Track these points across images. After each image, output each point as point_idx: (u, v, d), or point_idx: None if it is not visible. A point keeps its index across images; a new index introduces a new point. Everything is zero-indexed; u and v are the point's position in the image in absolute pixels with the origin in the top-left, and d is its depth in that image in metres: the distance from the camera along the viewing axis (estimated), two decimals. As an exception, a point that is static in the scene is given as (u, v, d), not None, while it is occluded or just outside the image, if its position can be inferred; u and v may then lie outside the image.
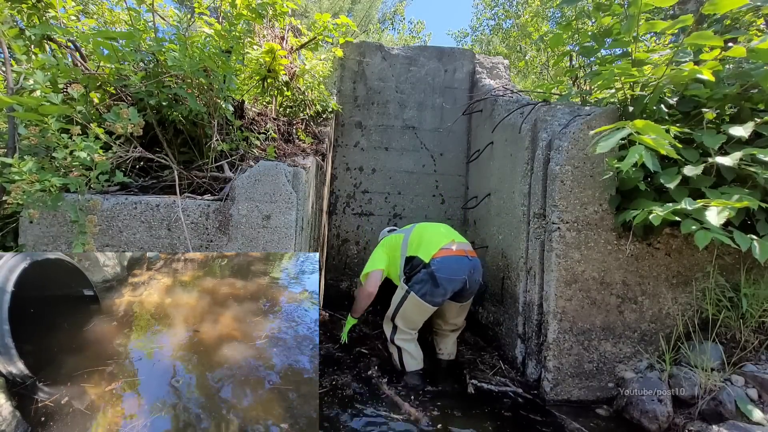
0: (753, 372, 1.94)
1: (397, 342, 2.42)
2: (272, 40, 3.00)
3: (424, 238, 2.44)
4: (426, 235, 2.46)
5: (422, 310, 2.34)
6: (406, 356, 2.42)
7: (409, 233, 2.53)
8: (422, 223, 2.62)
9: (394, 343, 2.43)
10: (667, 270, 2.18)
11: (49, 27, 2.17)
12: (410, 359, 2.41)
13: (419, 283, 2.30)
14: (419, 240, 2.44)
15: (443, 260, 2.30)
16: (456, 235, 2.50)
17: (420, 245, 2.41)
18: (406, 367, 2.41)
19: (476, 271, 2.40)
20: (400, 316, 2.40)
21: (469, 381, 2.39)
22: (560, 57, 3.21)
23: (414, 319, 2.40)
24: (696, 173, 1.80)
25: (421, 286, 2.29)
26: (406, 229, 2.59)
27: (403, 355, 2.42)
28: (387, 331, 2.48)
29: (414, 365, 2.41)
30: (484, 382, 2.41)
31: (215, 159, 2.27)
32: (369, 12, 12.34)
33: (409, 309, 2.36)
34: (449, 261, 2.30)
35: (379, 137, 3.91)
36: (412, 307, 2.34)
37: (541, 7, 7.82)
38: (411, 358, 2.42)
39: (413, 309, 2.35)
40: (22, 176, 1.66)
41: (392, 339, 2.44)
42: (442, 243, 2.37)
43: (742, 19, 2.61)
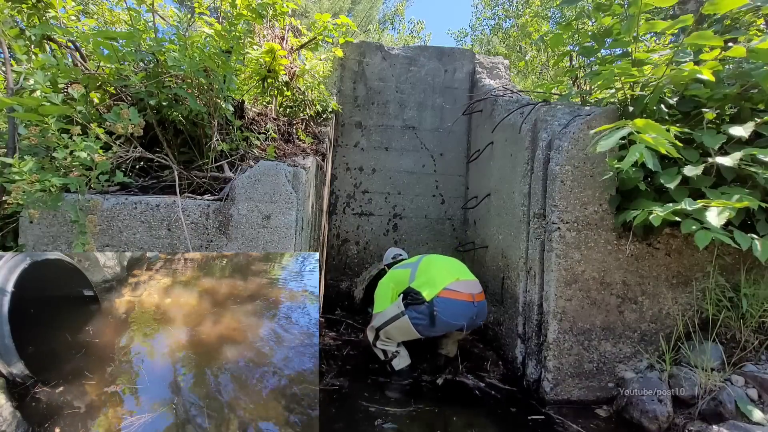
0: (753, 372, 1.94)
1: (380, 346, 2.42)
2: (272, 40, 3.00)
3: (430, 273, 2.36)
4: (433, 270, 2.38)
5: (410, 334, 2.30)
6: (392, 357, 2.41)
7: (415, 268, 2.45)
8: (430, 256, 2.55)
9: (377, 346, 2.43)
10: (667, 270, 2.18)
11: (49, 27, 2.17)
12: (397, 360, 2.40)
13: (418, 314, 2.23)
14: (425, 275, 2.36)
15: (447, 303, 2.21)
16: (461, 271, 2.42)
17: (425, 282, 2.31)
18: (394, 368, 2.40)
19: (479, 316, 2.34)
20: (386, 331, 2.37)
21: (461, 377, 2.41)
22: (560, 57, 3.21)
23: (398, 338, 2.39)
24: (696, 173, 1.80)
25: (419, 318, 2.22)
26: (413, 263, 2.52)
27: (389, 355, 2.41)
28: (370, 337, 2.47)
29: (401, 364, 2.40)
30: (483, 382, 2.42)
31: (215, 159, 2.27)
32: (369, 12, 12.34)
33: (397, 328, 2.32)
34: (453, 305, 2.22)
35: (379, 137, 3.91)
36: (402, 329, 2.30)
37: (541, 7, 7.82)
38: (398, 358, 2.40)
39: (401, 331, 2.32)
40: (22, 176, 1.66)
41: (374, 344, 2.44)
42: (447, 282, 2.27)
43: (742, 19, 2.61)
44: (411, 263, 2.54)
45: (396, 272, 2.55)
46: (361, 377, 2.42)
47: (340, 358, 2.67)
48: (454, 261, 2.54)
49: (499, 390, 2.34)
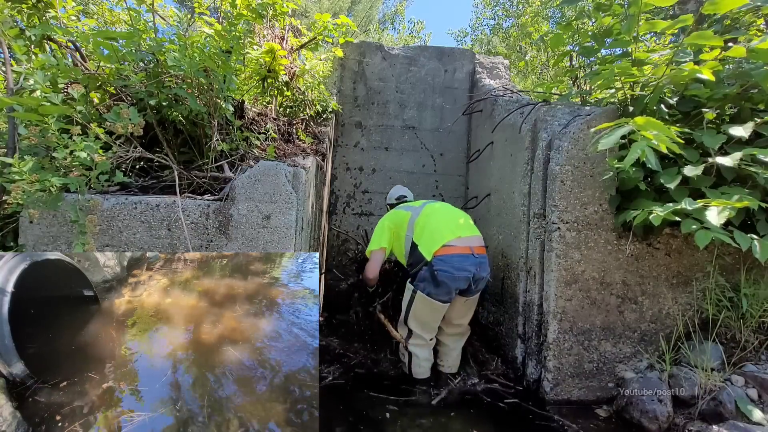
0: (753, 372, 1.94)
1: (411, 348, 2.37)
2: (272, 40, 2.99)
3: (428, 225, 2.31)
4: (432, 223, 2.32)
5: (433, 308, 2.25)
6: (415, 362, 2.37)
7: (417, 214, 2.40)
8: (431, 205, 2.47)
9: (407, 348, 2.38)
10: (667, 270, 2.17)
11: (49, 27, 2.17)
12: (418, 367, 2.38)
13: (423, 281, 2.22)
14: (424, 226, 2.32)
15: (445, 259, 2.18)
16: (462, 228, 2.33)
17: (423, 234, 2.29)
18: (414, 374, 2.39)
19: (482, 268, 2.26)
20: (412, 317, 2.32)
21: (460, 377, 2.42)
22: (560, 57, 3.21)
23: (427, 320, 2.31)
24: (696, 173, 1.80)
25: (425, 284, 2.21)
26: (415, 208, 2.46)
27: (413, 361, 2.37)
28: (402, 334, 2.41)
29: (421, 373, 2.38)
30: (483, 381, 2.42)
31: (215, 159, 2.27)
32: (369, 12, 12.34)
33: (419, 309, 2.28)
34: (451, 260, 2.18)
35: (379, 137, 3.91)
36: (422, 306, 2.26)
37: (542, 7, 7.81)
38: (419, 367, 2.38)
39: (423, 308, 2.27)
40: (22, 176, 1.66)
41: (406, 344, 2.38)
42: (446, 239, 2.23)
43: (742, 19, 2.61)
44: (413, 207, 2.49)
45: (397, 212, 2.52)
46: (361, 377, 2.42)
47: (340, 358, 2.67)
48: (457, 214, 2.45)
49: (499, 390, 2.34)
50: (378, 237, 2.47)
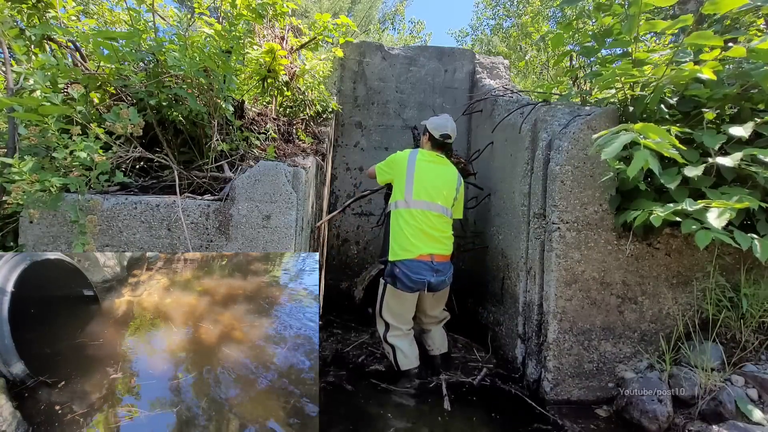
0: (753, 372, 1.94)
1: (390, 340, 2.45)
2: (272, 40, 3.00)
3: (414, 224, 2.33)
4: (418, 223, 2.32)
5: (402, 298, 2.39)
6: (400, 355, 2.43)
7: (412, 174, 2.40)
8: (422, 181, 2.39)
9: (387, 341, 2.46)
10: (667, 270, 2.17)
11: (49, 27, 2.17)
12: (403, 358, 2.43)
13: (389, 276, 2.39)
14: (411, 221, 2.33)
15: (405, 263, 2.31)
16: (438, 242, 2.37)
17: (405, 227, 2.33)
18: (400, 366, 2.42)
19: (443, 273, 2.38)
20: (386, 308, 2.45)
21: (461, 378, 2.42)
22: (560, 57, 3.21)
23: (399, 311, 2.44)
24: (696, 174, 1.80)
25: (391, 279, 2.37)
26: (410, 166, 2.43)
27: (397, 353, 2.43)
28: (380, 330, 2.51)
29: (407, 364, 2.42)
30: (483, 382, 2.42)
31: (215, 159, 2.27)
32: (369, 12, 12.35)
33: (390, 300, 2.42)
34: (411, 264, 2.31)
35: (379, 137, 3.90)
36: (391, 297, 2.41)
37: (542, 7, 7.81)
38: (404, 357, 2.43)
39: (393, 299, 2.41)
40: (22, 176, 1.66)
41: (385, 337, 2.47)
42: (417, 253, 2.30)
43: (742, 19, 2.61)
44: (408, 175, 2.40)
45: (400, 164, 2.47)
46: (362, 378, 2.43)
47: (340, 357, 2.67)
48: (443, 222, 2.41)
49: (499, 390, 2.34)
50: (384, 167, 2.58)
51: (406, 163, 2.45)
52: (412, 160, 2.45)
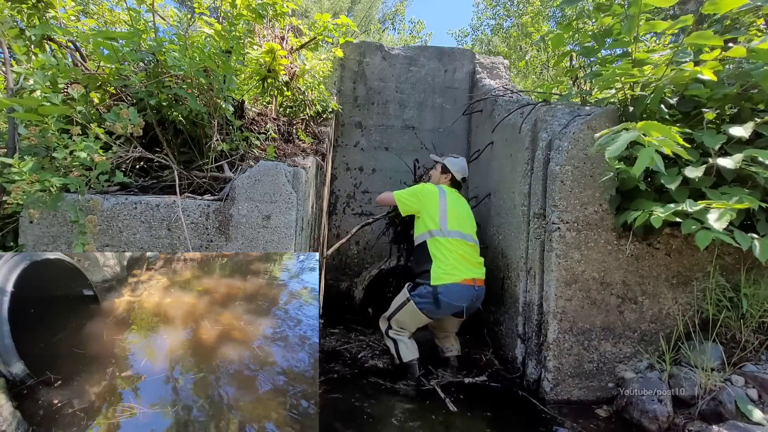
0: (753, 372, 1.94)
1: (392, 335, 2.51)
2: (272, 40, 3.00)
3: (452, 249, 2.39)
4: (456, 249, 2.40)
5: (418, 320, 2.46)
6: (402, 347, 2.47)
7: (445, 208, 2.48)
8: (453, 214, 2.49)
9: (389, 336, 2.52)
10: (667, 270, 2.17)
11: (49, 27, 2.17)
12: (405, 350, 2.48)
13: (422, 297, 2.37)
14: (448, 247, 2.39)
15: (450, 287, 2.33)
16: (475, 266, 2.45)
17: (444, 256, 2.37)
18: (402, 358, 2.45)
19: (478, 299, 2.47)
20: (396, 318, 2.50)
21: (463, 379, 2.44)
22: (561, 57, 3.21)
23: (408, 325, 2.50)
24: (697, 174, 1.80)
25: (424, 302, 2.36)
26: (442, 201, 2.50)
27: (399, 346, 2.48)
28: (383, 327, 2.57)
29: (409, 355, 2.46)
30: (483, 382, 2.42)
31: (215, 159, 2.27)
32: (369, 12, 12.35)
33: (406, 315, 2.46)
34: (455, 288, 2.33)
35: (379, 137, 3.91)
36: (410, 314, 2.44)
37: (542, 7, 7.81)
38: (406, 349, 2.48)
39: (410, 316, 2.45)
40: (22, 176, 1.66)
41: (387, 333, 2.53)
42: (461, 278, 2.34)
43: (742, 19, 2.61)
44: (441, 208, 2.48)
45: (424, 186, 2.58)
46: (362, 377, 2.43)
47: (341, 357, 2.67)
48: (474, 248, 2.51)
49: (499, 390, 2.34)
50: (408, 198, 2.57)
51: (437, 198, 2.52)
52: (443, 195, 2.53)
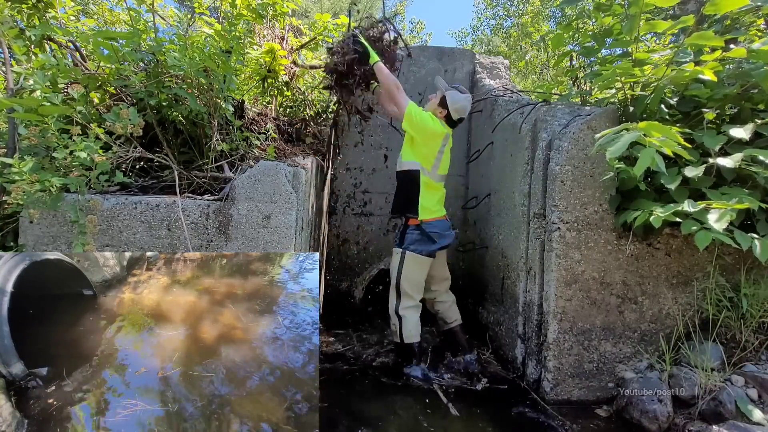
0: (753, 372, 1.94)
1: (401, 311, 2.51)
2: (272, 40, 3.00)
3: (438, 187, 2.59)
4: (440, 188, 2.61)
5: (422, 265, 2.52)
6: (406, 327, 2.49)
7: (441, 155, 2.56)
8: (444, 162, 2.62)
9: (398, 313, 2.52)
10: (667, 270, 2.17)
11: (49, 27, 2.17)
12: (408, 331, 2.50)
13: (413, 243, 2.49)
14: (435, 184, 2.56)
15: (434, 224, 2.51)
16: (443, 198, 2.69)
17: (432, 190, 2.54)
18: (405, 338, 2.47)
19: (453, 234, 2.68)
20: (404, 278, 2.51)
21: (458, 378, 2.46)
22: (561, 57, 3.21)
23: (417, 278, 2.53)
24: (697, 174, 1.79)
25: (417, 245, 2.48)
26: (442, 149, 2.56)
27: (404, 325, 2.49)
28: (392, 302, 2.57)
29: (411, 337, 2.49)
30: (482, 381, 2.42)
31: (215, 159, 2.27)
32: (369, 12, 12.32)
33: (410, 268, 2.50)
34: (438, 223, 2.53)
35: (380, 137, 3.90)
36: (412, 264, 2.49)
37: (542, 7, 7.81)
38: (409, 330, 2.50)
39: (413, 267, 2.50)
40: (22, 176, 1.66)
41: (396, 309, 2.53)
42: (442, 213, 2.60)
43: (742, 20, 2.61)
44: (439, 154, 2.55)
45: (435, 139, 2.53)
46: (363, 376, 2.43)
47: (340, 356, 2.67)
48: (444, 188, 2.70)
49: (499, 390, 2.34)
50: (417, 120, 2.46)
51: (440, 143, 2.54)
52: (445, 144, 2.58)
